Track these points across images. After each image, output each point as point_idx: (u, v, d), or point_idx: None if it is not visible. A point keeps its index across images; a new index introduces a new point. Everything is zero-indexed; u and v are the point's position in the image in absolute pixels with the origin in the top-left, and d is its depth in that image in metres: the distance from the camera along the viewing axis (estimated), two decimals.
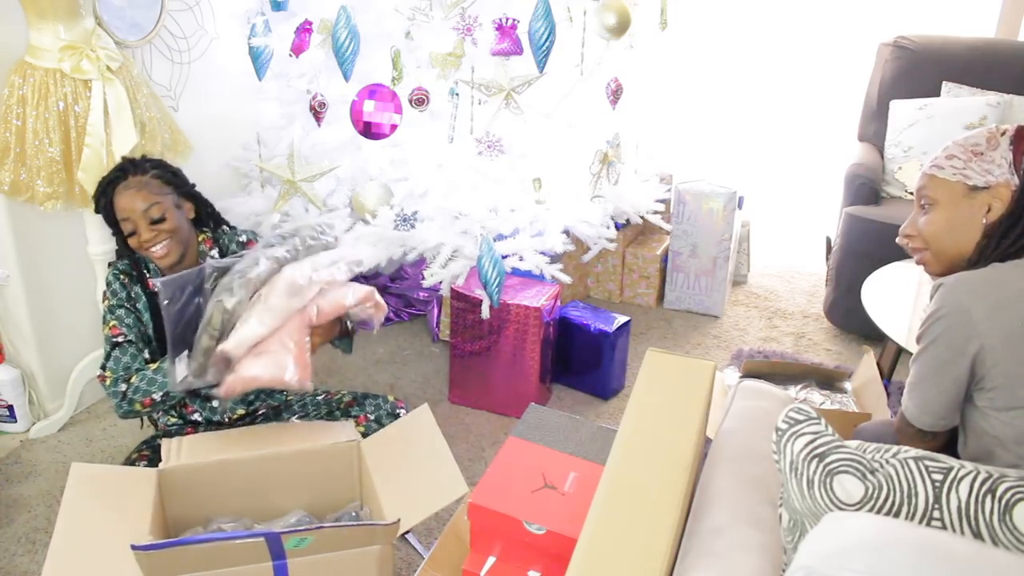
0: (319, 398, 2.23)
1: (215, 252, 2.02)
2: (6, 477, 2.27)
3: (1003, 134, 1.36)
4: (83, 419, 2.53)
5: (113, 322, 1.87)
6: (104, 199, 1.89)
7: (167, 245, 1.88)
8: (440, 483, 1.70)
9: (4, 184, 2.15)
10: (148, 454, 2.02)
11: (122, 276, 1.94)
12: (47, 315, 2.43)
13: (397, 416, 2.18)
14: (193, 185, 2.01)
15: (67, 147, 2.16)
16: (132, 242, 1.88)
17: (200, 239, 2.02)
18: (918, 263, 1.47)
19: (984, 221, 1.35)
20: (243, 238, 2.09)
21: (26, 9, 2.10)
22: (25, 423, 2.44)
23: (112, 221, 1.92)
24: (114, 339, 1.86)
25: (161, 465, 1.67)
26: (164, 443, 1.75)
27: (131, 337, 1.87)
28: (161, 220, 1.86)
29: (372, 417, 2.16)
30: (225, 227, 2.09)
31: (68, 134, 2.15)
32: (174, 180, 1.94)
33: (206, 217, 2.04)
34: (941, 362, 1.32)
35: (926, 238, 1.42)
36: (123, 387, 1.80)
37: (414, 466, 1.74)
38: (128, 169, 1.89)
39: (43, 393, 2.48)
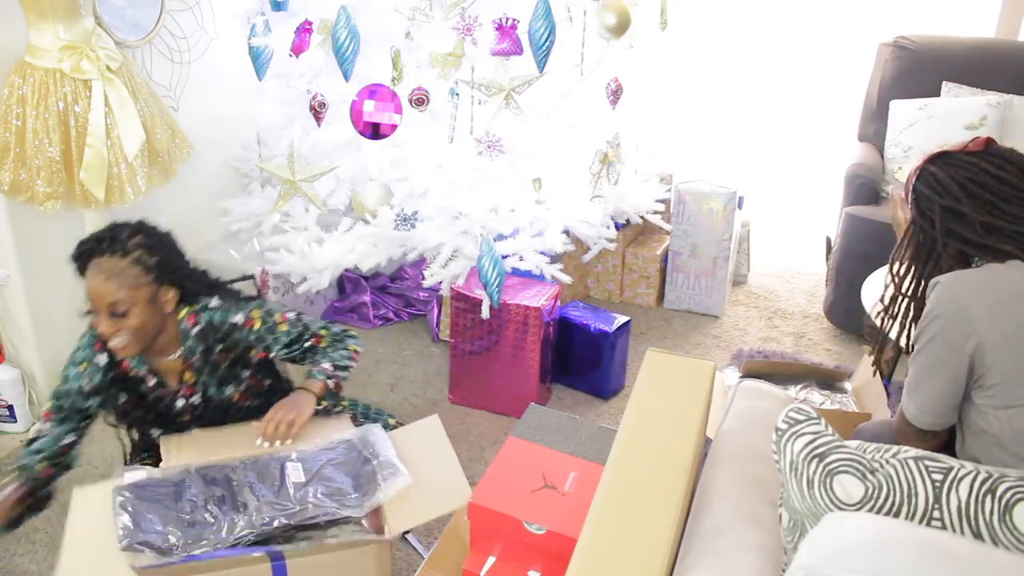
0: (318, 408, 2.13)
1: (198, 330, 1.77)
2: (5, 477, 2.26)
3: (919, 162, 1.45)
4: None
5: (60, 383, 1.74)
6: (80, 263, 1.69)
7: (125, 341, 1.67)
8: (445, 489, 1.70)
9: (4, 184, 2.15)
10: (149, 462, 2.01)
11: (95, 343, 1.75)
12: (47, 315, 2.43)
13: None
14: (185, 262, 1.79)
15: (67, 147, 2.16)
16: (91, 321, 1.69)
17: (183, 316, 1.77)
18: None
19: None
20: (238, 318, 1.78)
21: (26, 9, 2.10)
22: (25, 423, 2.44)
23: None
24: (53, 399, 1.75)
25: (162, 464, 1.67)
26: (163, 441, 1.74)
27: (61, 416, 1.73)
28: (123, 316, 1.65)
29: None
30: (216, 301, 1.79)
31: (68, 134, 2.15)
32: (157, 267, 1.69)
33: (196, 291, 1.80)
34: (939, 360, 1.33)
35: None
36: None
37: (420, 470, 1.72)
38: (107, 244, 1.66)
39: (43, 393, 2.48)
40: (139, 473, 1.64)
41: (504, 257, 2.47)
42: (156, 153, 2.37)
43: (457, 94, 2.49)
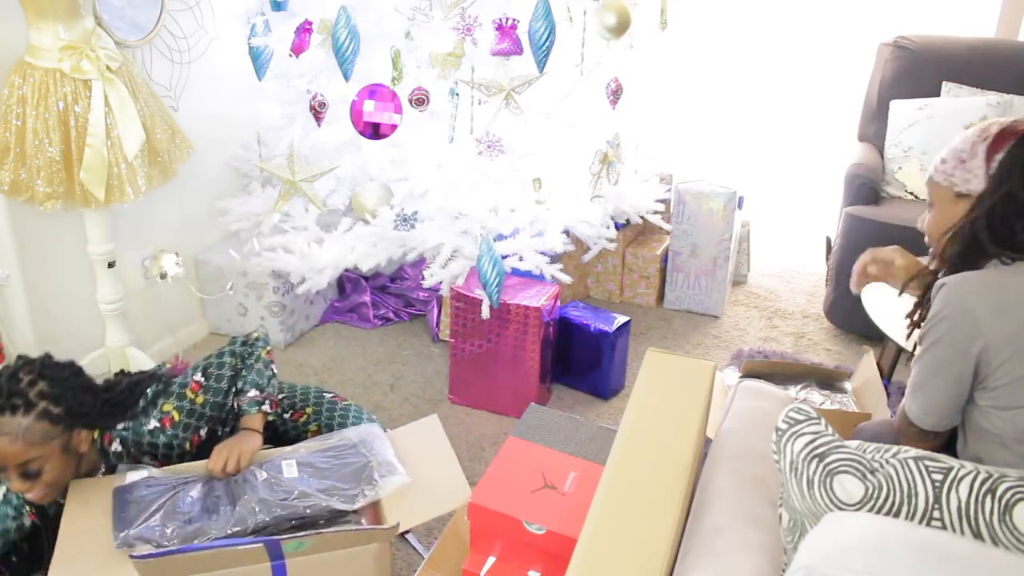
0: (286, 416, 2.07)
1: (116, 446, 1.71)
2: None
3: (985, 139, 1.37)
4: None
5: None
6: None
7: (42, 493, 1.57)
8: (444, 489, 1.70)
9: (4, 184, 2.15)
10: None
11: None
12: (47, 315, 2.43)
13: None
14: (93, 396, 1.63)
15: (67, 147, 2.16)
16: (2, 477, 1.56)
17: (97, 437, 1.69)
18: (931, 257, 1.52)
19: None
20: (153, 424, 1.72)
21: (26, 9, 2.09)
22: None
23: None
24: None
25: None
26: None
27: None
28: (37, 474, 1.54)
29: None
30: (129, 425, 1.70)
31: (68, 134, 2.15)
32: (65, 417, 1.55)
33: (108, 422, 1.70)
34: (945, 362, 1.32)
35: (928, 236, 1.49)
36: None
37: (419, 470, 1.73)
38: (5, 402, 1.49)
39: None
40: (141, 472, 1.64)
41: (504, 257, 2.47)
42: (156, 153, 2.36)
43: (457, 94, 2.49)
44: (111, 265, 2.42)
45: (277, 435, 2.08)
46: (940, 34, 3.31)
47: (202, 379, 1.79)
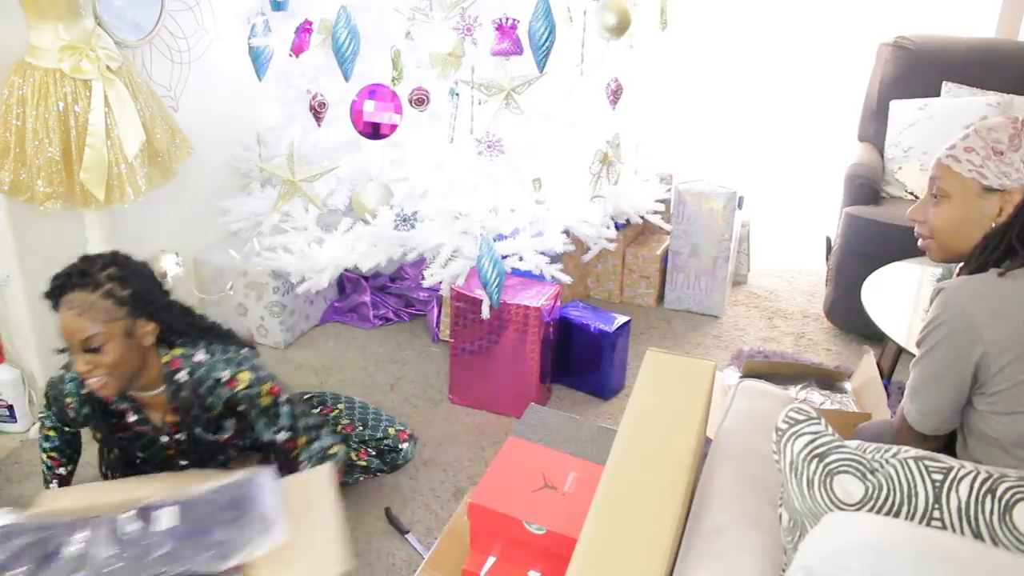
0: (314, 411, 2.11)
1: (183, 375, 1.72)
2: (6, 477, 2.26)
3: None
4: None
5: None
6: (52, 298, 1.61)
7: (103, 380, 1.62)
8: (315, 558, 1.50)
9: (4, 184, 2.15)
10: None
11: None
12: (47, 315, 2.41)
13: (399, 451, 2.12)
14: (166, 293, 1.73)
15: (67, 147, 2.16)
16: (69, 358, 1.65)
17: (167, 359, 1.71)
18: (921, 246, 1.46)
19: (993, 224, 1.33)
20: (225, 374, 1.72)
21: (26, 9, 2.10)
22: (25, 423, 2.44)
23: None
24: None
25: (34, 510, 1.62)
26: (46, 494, 1.74)
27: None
28: (97, 351, 1.59)
29: (373, 452, 2.11)
30: (202, 354, 1.73)
31: (68, 134, 2.15)
32: (130, 300, 1.62)
33: (180, 330, 1.73)
34: (944, 367, 1.31)
35: (933, 229, 1.40)
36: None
37: (296, 529, 1.52)
38: (76, 279, 1.59)
39: (43, 393, 2.48)
40: (6, 517, 1.55)
41: (504, 257, 2.47)
42: (156, 153, 2.36)
43: (457, 94, 2.49)
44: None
45: None
46: (940, 34, 3.31)
47: (281, 398, 1.79)
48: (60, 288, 1.59)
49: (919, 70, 3.23)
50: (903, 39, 3.29)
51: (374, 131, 2.51)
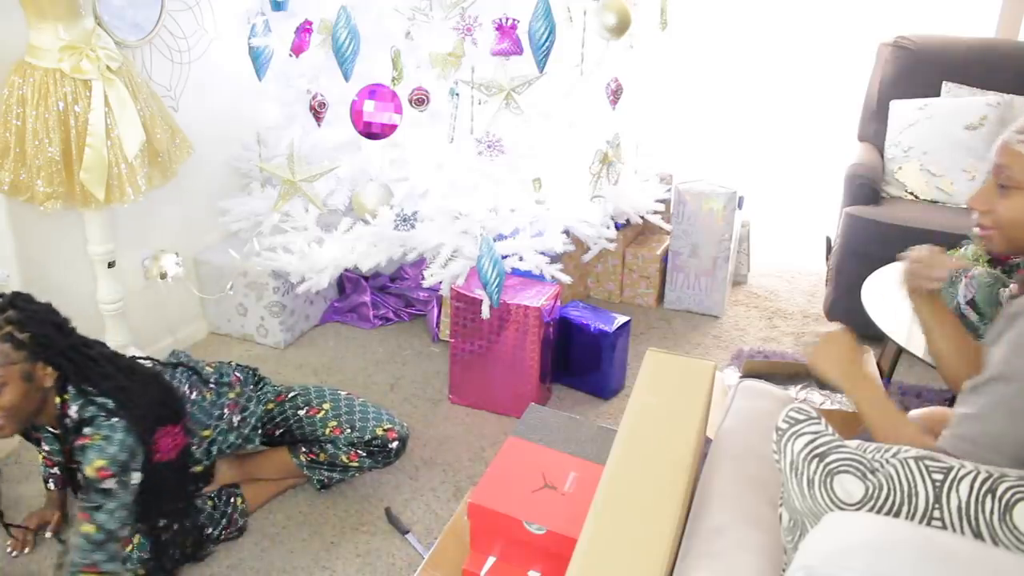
0: (300, 412, 2.10)
1: (73, 412, 1.70)
2: (6, 477, 2.26)
3: None
4: None
5: None
6: None
7: (2, 421, 1.63)
8: None
9: (4, 184, 2.15)
10: None
11: None
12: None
13: (388, 451, 2.09)
14: (66, 338, 1.71)
15: (67, 147, 2.16)
16: None
17: (58, 400, 1.70)
18: (980, 236, 1.30)
19: None
20: (86, 430, 1.66)
21: (26, 9, 2.09)
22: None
23: None
24: None
25: None
26: None
27: None
28: None
29: (363, 453, 2.07)
30: (82, 404, 1.68)
31: (68, 134, 2.15)
32: (29, 344, 1.62)
33: (78, 377, 1.70)
34: None
35: (999, 221, 1.25)
36: None
37: None
38: None
39: None
40: None
41: (504, 257, 2.47)
42: (156, 153, 2.36)
43: (457, 94, 2.49)
44: (111, 265, 2.42)
45: (292, 434, 2.09)
46: (940, 34, 3.31)
47: (106, 490, 1.66)
48: None
49: (919, 70, 3.23)
50: (903, 39, 3.29)
51: (374, 131, 2.51)
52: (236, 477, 2.12)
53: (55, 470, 2.01)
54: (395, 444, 2.09)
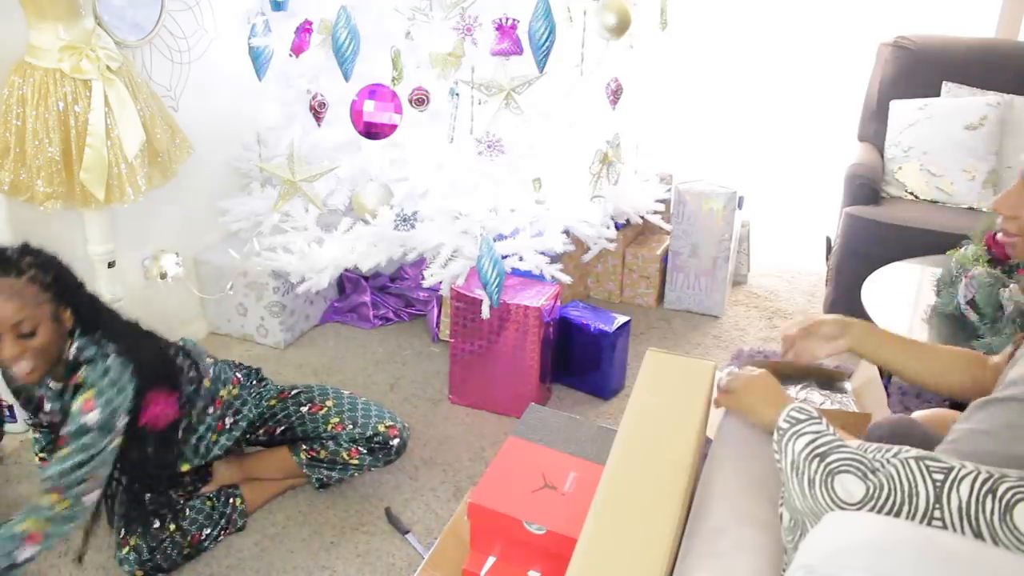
0: (303, 409, 2.11)
1: (71, 353, 1.72)
2: (6, 477, 2.26)
3: None
4: None
5: None
6: None
7: (32, 364, 1.63)
8: None
9: (4, 184, 2.15)
10: (149, 483, 2.01)
11: None
12: None
13: (389, 448, 2.10)
14: (80, 284, 1.74)
15: (67, 147, 2.16)
16: None
17: (71, 347, 1.71)
18: (1002, 240, 1.28)
19: None
20: (86, 384, 1.67)
21: (26, 9, 2.09)
22: (25, 423, 2.44)
23: None
24: None
25: None
26: None
27: None
28: (31, 335, 1.60)
29: (364, 450, 2.08)
30: (95, 347, 1.71)
31: (68, 134, 2.15)
32: (54, 285, 1.65)
33: (91, 321, 1.73)
34: None
35: (1017, 227, 1.22)
36: None
37: None
38: (2, 265, 1.60)
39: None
40: None
41: (504, 257, 2.47)
42: (156, 153, 2.36)
43: (457, 94, 2.49)
44: (111, 265, 2.42)
45: (293, 431, 2.10)
46: (940, 34, 3.31)
47: (77, 438, 1.64)
48: None
49: (919, 70, 3.23)
50: (903, 39, 3.29)
51: (374, 131, 2.51)
52: (235, 478, 2.12)
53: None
54: (396, 441, 2.09)
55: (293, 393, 2.14)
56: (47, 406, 1.85)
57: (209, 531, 1.98)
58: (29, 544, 1.59)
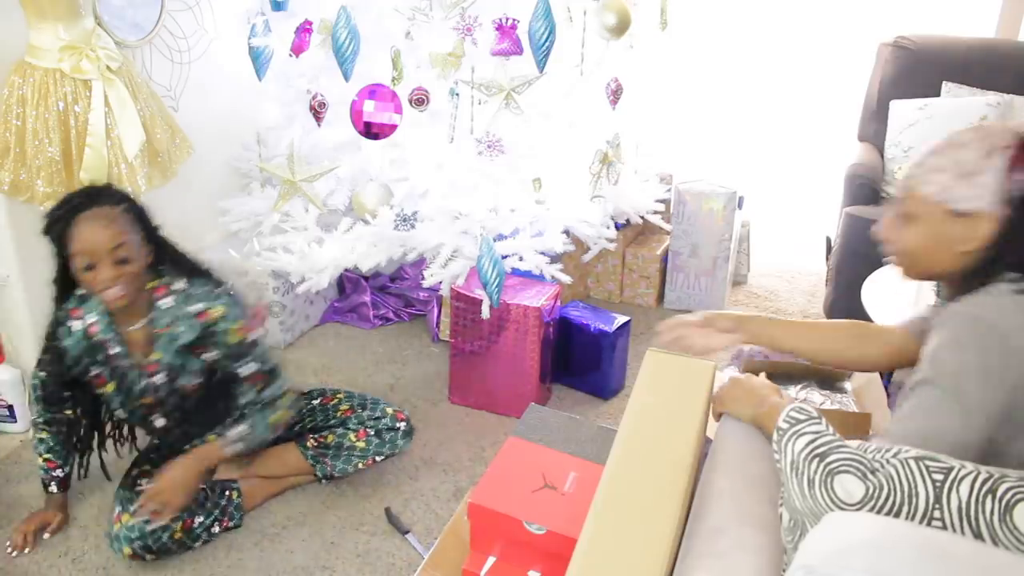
0: (315, 402, 2.19)
1: (167, 302, 1.85)
2: (6, 477, 2.26)
3: (996, 153, 1.19)
4: None
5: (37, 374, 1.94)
6: (60, 225, 1.70)
7: (124, 290, 1.73)
8: None
9: (4, 184, 2.15)
10: (148, 469, 2.02)
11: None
12: (47, 315, 2.43)
13: (396, 430, 2.15)
14: (157, 227, 1.87)
15: (67, 147, 2.16)
16: (86, 278, 1.72)
17: (152, 284, 1.84)
18: (889, 262, 1.39)
19: (963, 249, 1.23)
20: (197, 307, 1.85)
21: (26, 9, 2.10)
22: (25, 423, 2.44)
23: (60, 252, 1.74)
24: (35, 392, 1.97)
25: None
26: None
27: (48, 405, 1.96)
28: (125, 261, 1.71)
29: (372, 431, 2.13)
30: (183, 283, 1.86)
31: (68, 134, 2.15)
32: (142, 219, 1.79)
33: (171, 257, 1.88)
34: (973, 398, 1.14)
35: (900, 252, 1.32)
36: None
37: None
38: (96, 196, 1.72)
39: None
40: None
41: (504, 257, 2.47)
42: (156, 153, 2.36)
43: (457, 94, 2.49)
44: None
45: (303, 425, 2.17)
46: (940, 34, 3.31)
47: (249, 339, 1.90)
48: (80, 206, 1.70)
49: (919, 70, 3.22)
50: (903, 39, 3.29)
51: (373, 131, 2.51)
52: (235, 473, 2.12)
53: (57, 472, 2.01)
54: (403, 424, 2.15)
55: (304, 392, 2.21)
56: (159, 376, 1.90)
57: (202, 519, 1.97)
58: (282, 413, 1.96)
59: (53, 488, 2.02)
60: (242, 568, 1.97)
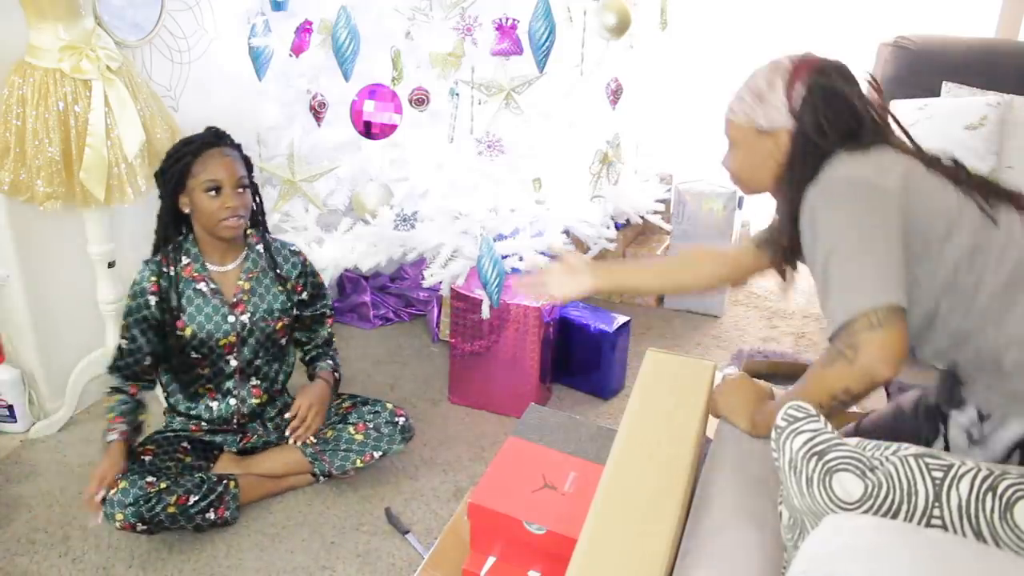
0: (344, 404, 2.26)
1: (261, 247, 2.13)
2: (6, 477, 2.26)
3: (784, 71, 1.40)
4: (83, 419, 2.53)
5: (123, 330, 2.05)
6: (187, 159, 1.94)
7: (241, 220, 1.98)
8: None
9: (4, 184, 2.15)
10: (153, 448, 2.03)
11: (152, 279, 2.02)
12: (47, 315, 2.43)
13: (395, 424, 2.18)
14: (258, 187, 2.15)
15: (67, 147, 2.16)
16: (210, 205, 1.94)
17: (249, 231, 2.13)
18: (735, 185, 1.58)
19: (778, 160, 1.42)
20: (296, 247, 2.22)
21: (26, 9, 2.10)
22: (25, 423, 2.44)
23: (171, 190, 1.97)
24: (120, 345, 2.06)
25: None
26: None
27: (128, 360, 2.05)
28: (246, 194, 1.99)
29: (371, 425, 2.17)
30: (270, 235, 2.21)
31: (68, 134, 2.15)
32: (251, 172, 2.06)
33: (261, 215, 2.16)
34: (873, 230, 1.26)
35: (732, 174, 1.52)
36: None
37: None
38: (223, 137, 2.02)
39: (43, 393, 2.48)
40: None
41: (504, 257, 2.47)
42: (156, 153, 2.36)
43: (457, 94, 2.49)
44: (111, 265, 2.42)
45: None
46: (940, 34, 3.31)
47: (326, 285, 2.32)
48: (209, 143, 1.98)
49: (919, 70, 3.23)
50: (903, 39, 3.29)
51: (373, 131, 2.51)
52: (235, 470, 2.13)
53: (122, 425, 1.99)
54: (402, 420, 2.19)
55: None
56: (246, 316, 2.08)
57: (196, 499, 1.95)
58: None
59: (114, 436, 1.97)
60: (242, 568, 1.97)
